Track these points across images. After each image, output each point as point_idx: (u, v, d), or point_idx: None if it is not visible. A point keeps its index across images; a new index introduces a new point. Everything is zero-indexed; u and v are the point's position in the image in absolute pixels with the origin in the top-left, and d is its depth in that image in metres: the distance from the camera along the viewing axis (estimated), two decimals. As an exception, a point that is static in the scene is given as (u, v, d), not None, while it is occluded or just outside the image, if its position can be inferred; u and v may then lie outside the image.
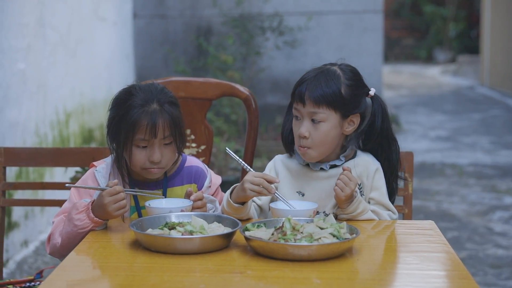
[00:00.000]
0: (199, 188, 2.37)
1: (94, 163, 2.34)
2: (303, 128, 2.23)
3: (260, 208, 2.33)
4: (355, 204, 2.20)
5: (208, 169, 2.43)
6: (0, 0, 4.02)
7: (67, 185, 2.23)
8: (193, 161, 2.41)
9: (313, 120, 2.22)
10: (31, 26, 4.50)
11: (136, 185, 2.33)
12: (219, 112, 6.88)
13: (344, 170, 2.19)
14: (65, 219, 2.16)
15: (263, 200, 2.32)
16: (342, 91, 2.22)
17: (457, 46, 18.88)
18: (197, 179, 2.38)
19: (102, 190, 2.12)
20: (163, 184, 2.34)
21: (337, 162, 2.30)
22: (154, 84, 2.29)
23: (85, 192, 2.27)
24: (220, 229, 1.99)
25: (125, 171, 2.30)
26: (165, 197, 2.29)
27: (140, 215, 2.30)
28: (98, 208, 2.10)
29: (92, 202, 2.12)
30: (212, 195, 2.37)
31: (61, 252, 2.18)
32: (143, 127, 2.19)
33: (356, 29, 7.93)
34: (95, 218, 2.09)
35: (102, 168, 2.31)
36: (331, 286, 1.69)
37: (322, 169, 2.30)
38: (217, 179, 2.42)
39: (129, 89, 2.27)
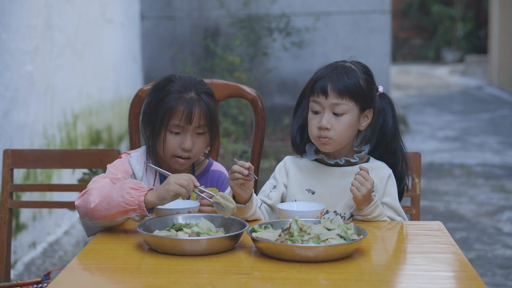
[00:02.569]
0: None
1: (126, 152, 2.38)
2: (324, 120, 2.24)
3: (271, 207, 2.33)
4: (372, 207, 2.20)
5: None
6: (7, 2, 4.03)
7: (149, 165, 2.25)
8: (218, 167, 2.45)
9: (334, 113, 2.24)
10: (39, 28, 4.51)
11: (164, 178, 2.34)
12: (227, 113, 6.88)
13: (361, 169, 2.19)
14: (116, 185, 2.13)
15: (273, 199, 2.33)
16: (361, 83, 2.25)
17: (465, 46, 18.85)
18: (220, 184, 2.41)
19: (167, 174, 2.14)
20: None
21: (351, 159, 2.31)
22: (193, 75, 2.34)
23: (122, 170, 2.27)
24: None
25: (156, 163, 2.33)
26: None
27: None
28: (160, 189, 2.06)
29: (150, 190, 2.08)
30: None
31: (89, 211, 2.10)
32: (179, 112, 2.24)
33: (364, 29, 7.92)
34: (142, 203, 2.04)
35: (136, 155, 2.34)
36: (339, 287, 1.68)
37: (337, 163, 2.31)
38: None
39: (169, 76, 2.32)
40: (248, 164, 2.14)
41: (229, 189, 2.37)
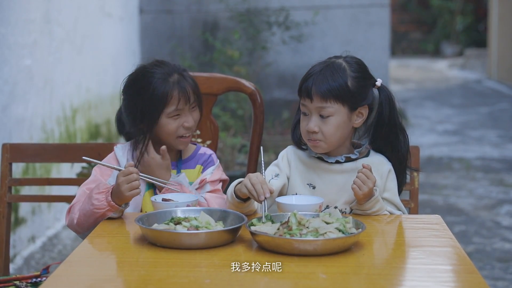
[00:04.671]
0: (203, 171, 2.42)
1: (117, 143, 2.44)
2: (311, 123, 2.21)
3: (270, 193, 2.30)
4: (372, 202, 2.19)
5: (218, 161, 2.50)
6: (6, -4, 4.02)
7: (84, 157, 2.28)
8: (205, 150, 2.50)
9: (321, 116, 2.21)
10: (37, 22, 4.51)
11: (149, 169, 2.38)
12: (226, 107, 6.87)
13: (364, 167, 2.17)
14: (86, 196, 2.22)
15: (274, 187, 2.28)
16: (348, 83, 2.20)
17: (464, 40, 18.82)
18: (205, 162, 2.45)
19: (119, 169, 2.21)
20: (178, 165, 2.42)
21: (351, 156, 2.29)
22: (159, 60, 2.39)
23: (106, 169, 2.34)
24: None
25: (145, 150, 2.37)
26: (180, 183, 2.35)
27: (155, 194, 2.35)
28: (116, 191, 2.16)
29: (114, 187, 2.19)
30: (214, 187, 2.41)
31: (76, 228, 2.25)
32: (175, 97, 2.30)
33: (363, 23, 7.91)
34: (112, 202, 2.15)
35: (122, 146, 2.40)
36: (337, 280, 1.68)
37: (337, 161, 2.29)
38: (223, 175, 2.45)
39: (142, 70, 2.35)
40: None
41: (211, 169, 2.40)
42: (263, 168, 2.19)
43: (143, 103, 2.31)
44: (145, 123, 2.32)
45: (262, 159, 2.22)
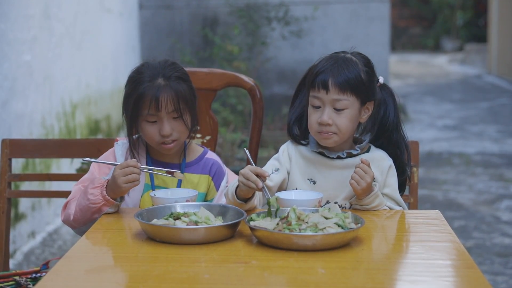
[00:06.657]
0: (216, 185, 2.40)
1: (118, 138, 2.40)
2: (325, 115, 2.20)
3: (270, 189, 2.30)
4: (371, 197, 2.19)
5: (226, 168, 2.46)
6: (5, -9, 4.02)
7: (84, 159, 2.26)
8: (212, 155, 2.46)
9: (335, 108, 2.21)
10: (37, 18, 4.50)
11: (155, 165, 2.37)
12: (225, 102, 6.87)
13: (362, 162, 2.17)
14: (82, 191, 2.22)
15: (274, 182, 2.29)
16: (362, 76, 2.21)
17: (464, 35, 18.83)
18: (213, 172, 2.41)
19: (115, 165, 2.19)
20: (181, 167, 2.38)
21: (352, 151, 2.29)
22: (166, 60, 2.33)
23: (104, 166, 2.33)
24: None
25: (144, 150, 2.37)
26: (181, 176, 2.34)
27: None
28: (111, 184, 2.15)
29: (109, 181, 2.17)
30: None
31: (72, 223, 2.24)
32: (147, 102, 2.24)
33: (363, 18, 7.90)
34: (107, 196, 2.14)
35: (123, 142, 2.38)
36: (336, 275, 1.68)
37: (339, 157, 2.29)
38: (233, 178, 2.44)
39: (139, 67, 2.33)
40: (259, 184, 2.08)
41: (224, 182, 2.37)
42: (252, 164, 2.18)
43: (126, 101, 2.30)
44: (126, 122, 2.32)
45: (250, 157, 2.21)
